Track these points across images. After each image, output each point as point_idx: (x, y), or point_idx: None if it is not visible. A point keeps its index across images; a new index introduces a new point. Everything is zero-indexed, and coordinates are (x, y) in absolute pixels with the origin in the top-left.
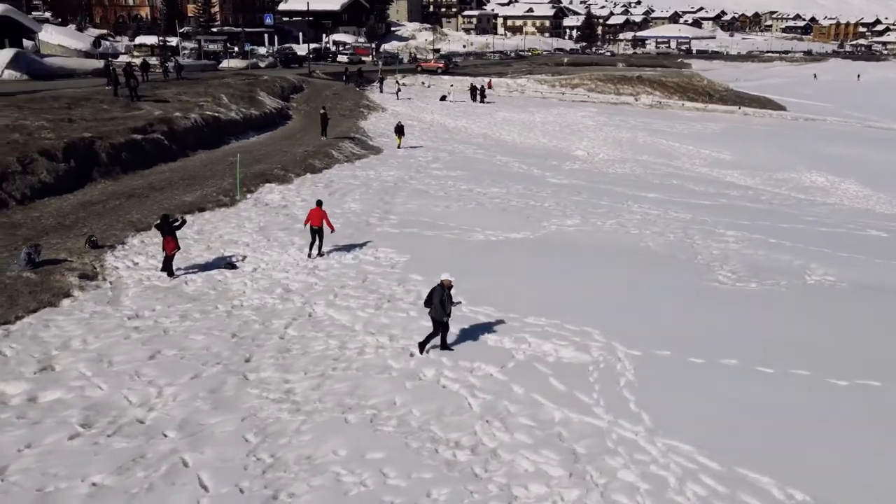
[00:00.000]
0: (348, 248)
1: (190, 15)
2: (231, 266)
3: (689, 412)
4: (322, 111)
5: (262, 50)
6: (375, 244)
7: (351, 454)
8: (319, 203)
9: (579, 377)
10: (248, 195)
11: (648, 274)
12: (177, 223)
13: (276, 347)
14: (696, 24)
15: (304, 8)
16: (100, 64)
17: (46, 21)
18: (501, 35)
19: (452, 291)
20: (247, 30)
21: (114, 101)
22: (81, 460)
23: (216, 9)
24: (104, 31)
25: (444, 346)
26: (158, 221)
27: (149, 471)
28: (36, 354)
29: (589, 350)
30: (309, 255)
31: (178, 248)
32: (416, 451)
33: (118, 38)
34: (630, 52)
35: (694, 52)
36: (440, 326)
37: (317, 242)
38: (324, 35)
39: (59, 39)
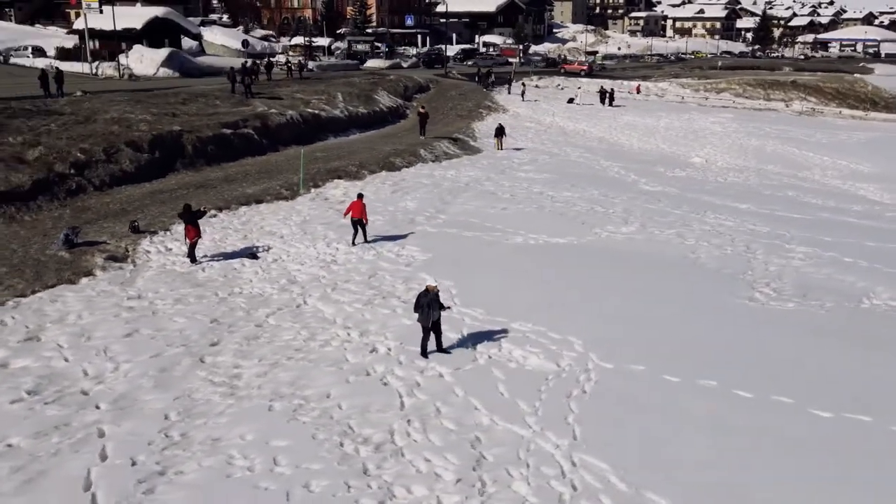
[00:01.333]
0: (378, 243)
1: (348, 17)
2: (253, 256)
3: (627, 431)
4: (421, 110)
5: (412, 50)
6: (405, 242)
7: (256, 439)
8: (360, 196)
9: (531, 386)
10: (313, 190)
11: (674, 287)
12: (199, 212)
13: (248, 335)
14: (893, 25)
15: (460, 10)
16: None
17: (214, 23)
18: (668, 37)
19: (448, 298)
20: (400, 31)
21: (228, 98)
22: (9, 423)
23: (372, 10)
24: (268, 32)
25: (440, 348)
26: (181, 210)
27: (63, 438)
28: (30, 325)
29: (559, 359)
30: (353, 243)
31: (199, 236)
32: (319, 443)
33: (280, 38)
34: (805, 55)
35: (883, 55)
36: (428, 331)
37: (359, 232)
38: (475, 36)
39: (222, 40)
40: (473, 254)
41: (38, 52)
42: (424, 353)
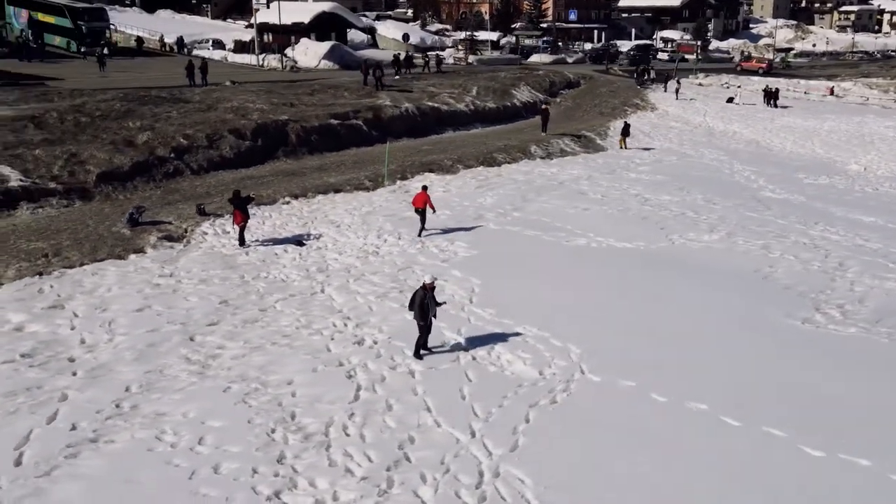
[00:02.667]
0: (431, 237)
1: (523, 11)
2: (299, 243)
3: (571, 447)
4: (543, 107)
5: (586, 45)
6: (458, 237)
7: (195, 418)
8: (424, 188)
9: (498, 392)
10: (399, 182)
11: (723, 302)
12: (247, 199)
13: (248, 318)
14: None
15: (643, 4)
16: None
17: (389, 17)
18: (883, 33)
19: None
20: (576, 26)
21: (358, 90)
22: (25, 381)
23: (548, 5)
24: (444, 27)
25: (419, 349)
26: (231, 196)
27: (28, 399)
28: (62, 295)
29: (545, 367)
30: (419, 234)
31: (246, 220)
32: (251, 428)
33: (454, 33)
34: None
35: None
36: (427, 329)
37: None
38: (655, 32)
39: (393, 34)
40: (522, 253)
41: (218, 44)
42: (418, 353)
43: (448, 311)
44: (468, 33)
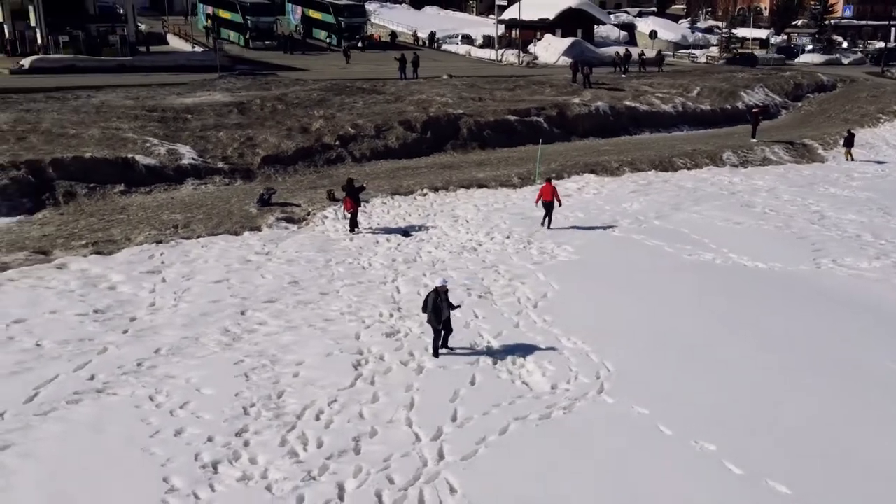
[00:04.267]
0: (541, 236)
1: (806, 7)
2: (406, 234)
3: (514, 467)
4: (754, 111)
5: (878, 45)
6: (570, 240)
7: (195, 384)
8: (549, 180)
9: (493, 399)
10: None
11: (820, 340)
12: (360, 188)
13: (305, 300)
14: None
15: None
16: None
17: (653, 14)
18: None
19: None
20: (873, 23)
21: (564, 87)
22: (56, 327)
23: (836, 1)
24: (715, 24)
25: (436, 350)
26: (344, 183)
27: (74, 348)
28: (166, 262)
29: (562, 382)
30: (543, 224)
31: (356, 207)
32: (235, 400)
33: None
34: None
35: None
36: (439, 331)
37: (548, 216)
38: None
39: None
40: (627, 264)
41: (466, 39)
42: (436, 353)
43: (501, 314)
44: (724, 31)
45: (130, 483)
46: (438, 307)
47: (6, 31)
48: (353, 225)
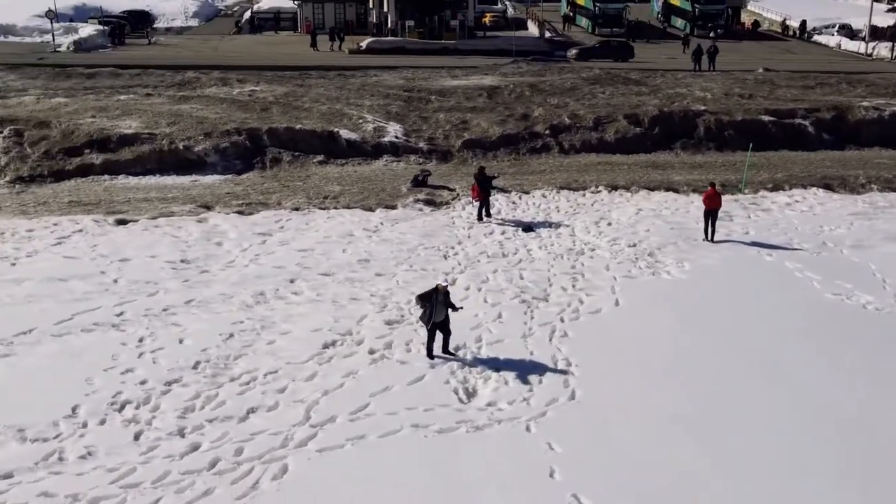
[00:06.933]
0: (684, 250)
1: None
2: (529, 229)
3: (347, 469)
4: None
5: None
6: (697, 255)
7: (185, 335)
8: (713, 185)
9: (411, 402)
10: (762, 192)
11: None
12: (492, 177)
13: (356, 278)
14: None
15: None
16: None
17: None
18: None
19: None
20: None
21: (883, 87)
22: (144, 269)
23: None
24: None
25: (429, 351)
26: (476, 171)
27: (137, 286)
28: (284, 227)
29: (500, 403)
30: (706, 237)
31: (482, 198)
32: (204, 353)
33: None
34: None
35: None
36: (432, 332)
37: (711, 227)
38: None
39: None
40: (740, 292)
41: (845, 29)
42: (430, 354)
43: (523, 323)
44: None
45: (55, 390)
46: (433, 307)
47: (373, 16)
48: (481, 214)
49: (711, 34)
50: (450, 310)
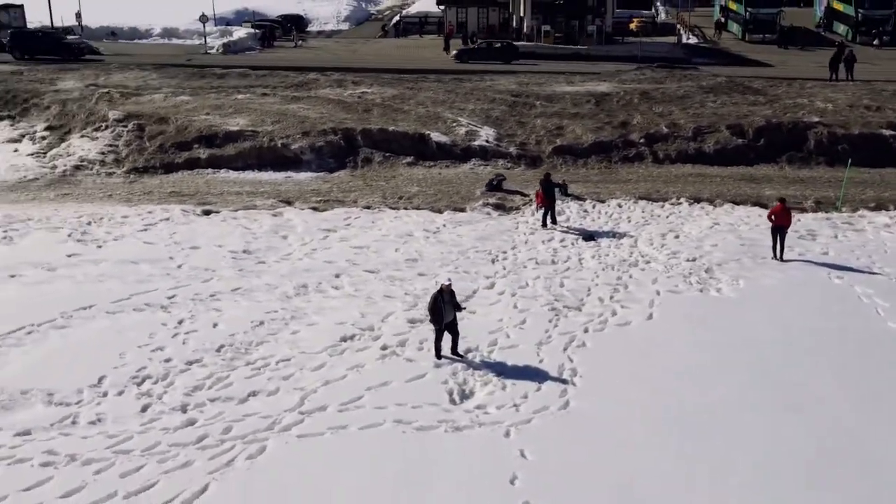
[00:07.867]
0: (746, 268)
1: None
2: (589, 238)
3: (314, 461)
4: None
5: None
6: (760, 272)
7: (222, 320)
8: (782, 200)
9: (401, 399)
10: (861, 212)
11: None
12: (557, 185)
13: (397, 276)
14: None
15: None
16: None
17: None
18: None
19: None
20: None
21: None
22: (207, 257)
23: None
24: None
25: (437, 351)
26: (542, 177)
27: (194, 271)
28: (352, 224)
29: (489, 408)
30: (774, 255)
31: (546, 205)
32: (232, 338)
33: None
34: None
35: None
36: (441, 332)
37: (778, 243)
38: None
39: None
40: (791, 314)
41: None
42: (438, 355)
43: (544, 330)
44: None
45: (90, 361)
46: (440, 308)
47: (513, 21)
48: (546, 220)
49: (875, 41)
50: (457, 311)
